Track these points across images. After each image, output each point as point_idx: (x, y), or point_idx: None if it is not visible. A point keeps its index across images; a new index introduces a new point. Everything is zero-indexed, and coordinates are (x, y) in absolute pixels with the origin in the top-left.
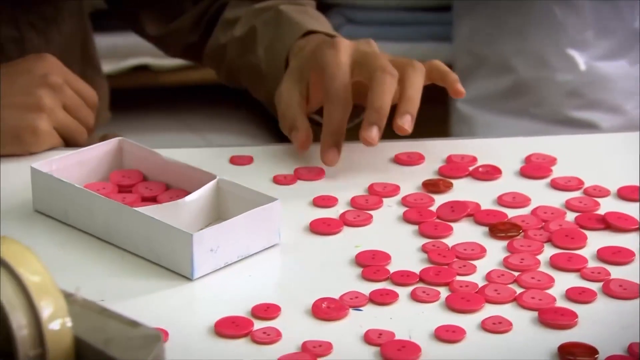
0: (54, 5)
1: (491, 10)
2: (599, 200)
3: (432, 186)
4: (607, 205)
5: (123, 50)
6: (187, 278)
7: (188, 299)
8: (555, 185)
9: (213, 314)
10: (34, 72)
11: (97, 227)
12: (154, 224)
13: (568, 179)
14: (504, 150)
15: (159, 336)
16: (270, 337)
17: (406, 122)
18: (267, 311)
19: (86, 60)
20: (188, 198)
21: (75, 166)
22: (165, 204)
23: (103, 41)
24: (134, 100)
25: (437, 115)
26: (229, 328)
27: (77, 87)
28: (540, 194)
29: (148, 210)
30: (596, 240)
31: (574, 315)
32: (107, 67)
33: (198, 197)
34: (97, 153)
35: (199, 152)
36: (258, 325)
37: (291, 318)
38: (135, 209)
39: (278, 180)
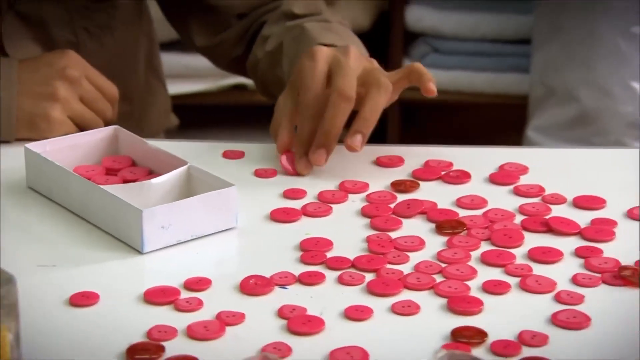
0: (107, 13)
1: (562, 43)
2: (552, 206)
3: (399, 185)
4: (558, 212)
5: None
6: (139, 251)
7: (132, 270)
8: (517, 192)
9: (149, 284)
10: (54, 66)
11: (73, 203)
12: (114, 201)
13: (531, 186)
14: (482, 158)
15: (10, 279)
16: (192, 306)
17: (356, 141)
18: (197, 284)
19: (150, 68)
20: (154, 180)
21: (69, 149)
22: (132, 184)
23: (205, 60)
24: (230, 116)
25: (511, 143)
26: (156, 296)
27: (96, 81)
28: (500, 199)
29: (115, 189)
30: (534, 241)
31: (479, 303)
32: (208, 85)
33: (165, 180)
34: (91, 139)
35: (197, 145)
36: (185, 295)
37: (219, 291)
38: (101, 186)
39: (259, 173)
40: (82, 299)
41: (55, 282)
